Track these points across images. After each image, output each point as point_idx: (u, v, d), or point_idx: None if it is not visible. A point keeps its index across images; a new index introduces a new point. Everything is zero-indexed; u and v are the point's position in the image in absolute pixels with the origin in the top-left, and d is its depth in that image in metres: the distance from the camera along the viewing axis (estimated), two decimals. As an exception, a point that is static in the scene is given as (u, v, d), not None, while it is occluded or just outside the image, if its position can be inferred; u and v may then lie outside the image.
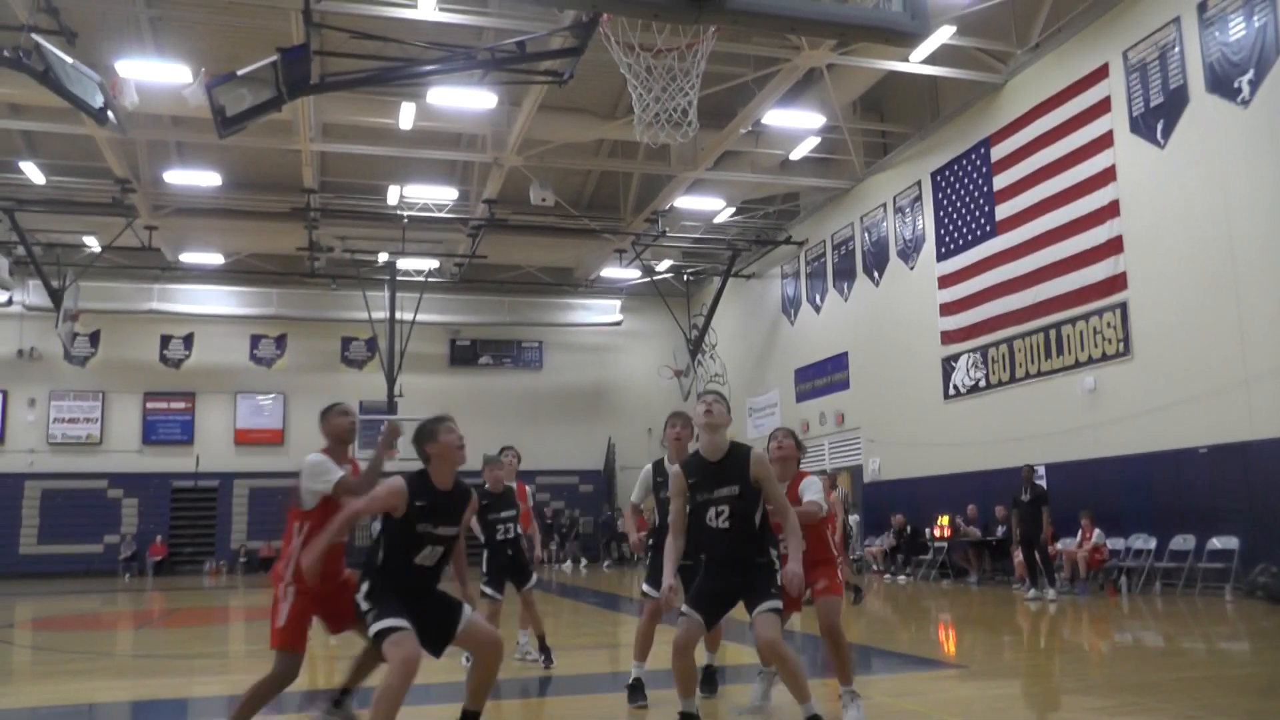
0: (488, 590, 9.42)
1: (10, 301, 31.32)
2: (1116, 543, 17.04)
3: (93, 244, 28.65)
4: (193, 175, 25.48)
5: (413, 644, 5.37)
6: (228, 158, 25.48)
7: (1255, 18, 15.25)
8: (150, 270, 31.00)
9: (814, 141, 24.36)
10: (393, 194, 27.02)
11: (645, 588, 7.74)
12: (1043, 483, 18.14)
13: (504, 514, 9.77)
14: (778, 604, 5.86)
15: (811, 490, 6.92)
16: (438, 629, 5.63)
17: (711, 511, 5.97)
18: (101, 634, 15.75)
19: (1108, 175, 18.04)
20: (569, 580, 25.70)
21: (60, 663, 12.01)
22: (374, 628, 5.42)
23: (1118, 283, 17.76)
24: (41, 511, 31.76)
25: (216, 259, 31.13)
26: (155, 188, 26.32)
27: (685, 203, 27.39)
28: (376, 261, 30.73)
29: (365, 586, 5.64)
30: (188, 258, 30.70)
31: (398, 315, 30.68)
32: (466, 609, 5.73)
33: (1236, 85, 15.60)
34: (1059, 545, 17.35)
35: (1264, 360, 14.98)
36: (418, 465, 5.90)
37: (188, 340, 33.79)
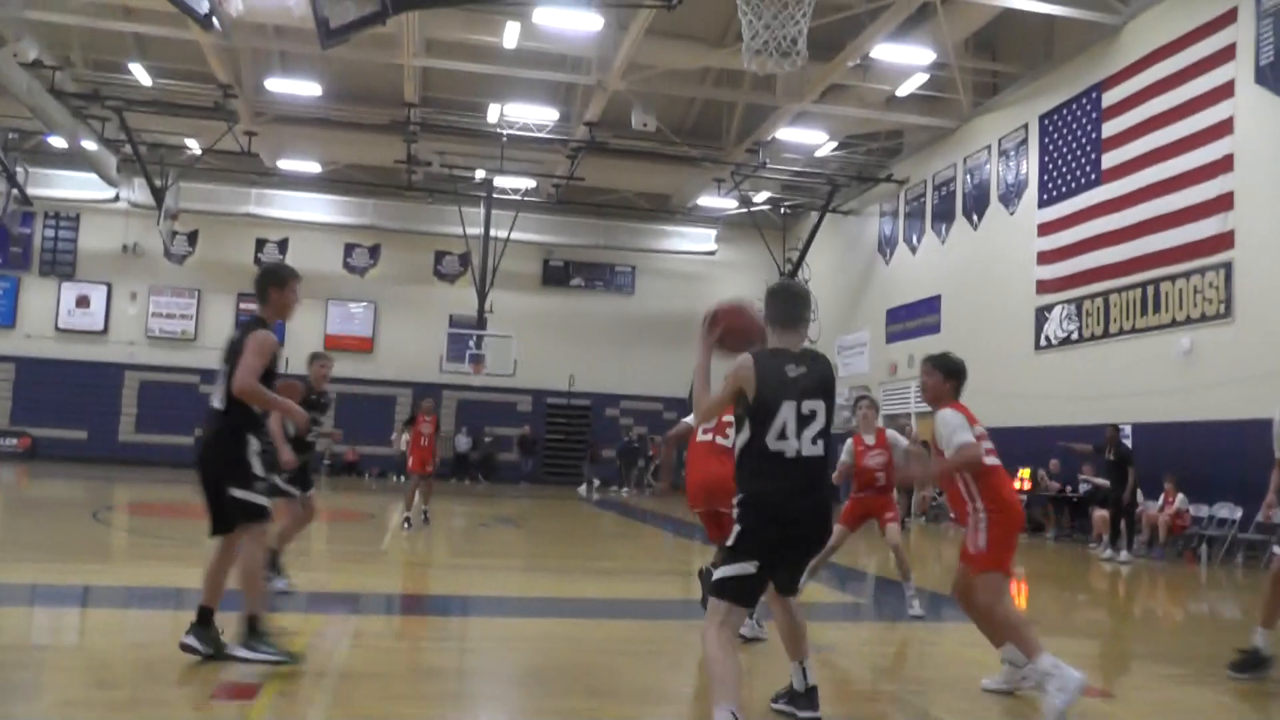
0: (288, 487, 8.94)
1: (117, 198, 32.14)
2: (1200, 510, 16.71)
3: (194, 146, 29.22)
4: (294, 84, 25.61)
5: None
6: (329, 68, 25.60)
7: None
8: (248, 175, 31.53)
9: (922, 78, 23.85)
10: (493, 112, 27.03)
11: None
12: (1128, 442, 17.81)
13: (321, 415, 9.69)
14: None
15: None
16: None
17: None
18: (193, 523, 16.27)
19: (1224, 128, 17.30)
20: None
21: (153, 547, 12.49)
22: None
23: (1224, 241, 17.15)
24: (139, 401, 32.94)
25: (314, 167, 31.55)
26: (257, 95, 26.72)
27: (787, 135, 27.07)
28: (474, 178, 30.88)
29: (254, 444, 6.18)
30: (285, 165, 31.18)
31: (492, 232, 30.90)
32: None
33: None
34: (1141, 507, 17.05)
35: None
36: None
37: (282, 245, 34.33)
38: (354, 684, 5.64)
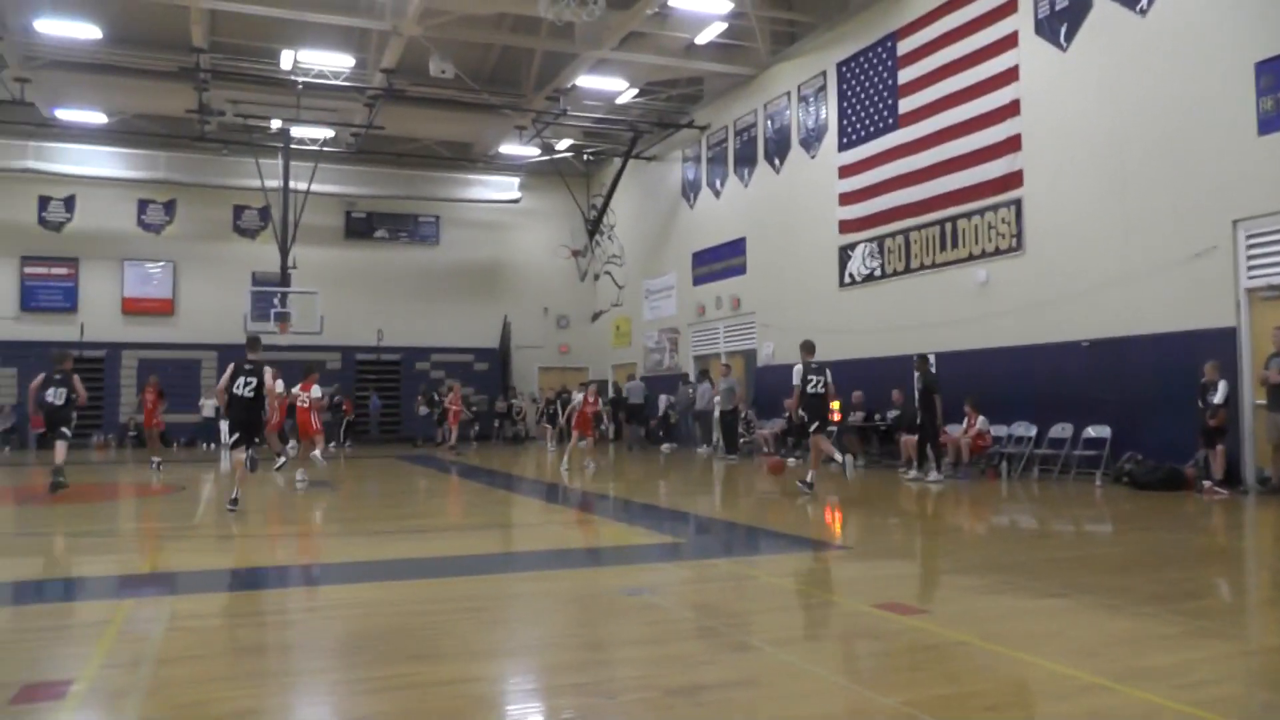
0: None
1: None
2: (999, 430, 17.66)
3: (-47, 94, 26.98)
4: (70, 26, 23.80)
5: None
6: (108, 9, 24.06)
7: (1161, -70, 15.52)
8: (23, 126, 29.19)
9: (720, 26, 24.10)
10: (286, 58, 26.01)
11: None
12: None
13: None
14: None
15: None
16: None
17: None
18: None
19: (1010, 75, 18.30)
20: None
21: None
22: None
23: (1014, 180, 18.15)
24: (-87, 375, 30.65)
25: (98, 118, 29.70)
26: (26, 37, 24.58)
27: (588, 82, 27.00)
28: (270, 128, 29.78)
29: None
30: (66, 115, 29.14)
31: (291, 184, 29.91)
32: None
33: (1138, -5, 15.94)
34: (945, 430, 17.82)
35: (1144, 261, 15.65)
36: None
37: (69, 202, 32.39)
38: (170, 669, 5.40)
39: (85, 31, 23.90)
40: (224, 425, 16.51)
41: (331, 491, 16.65)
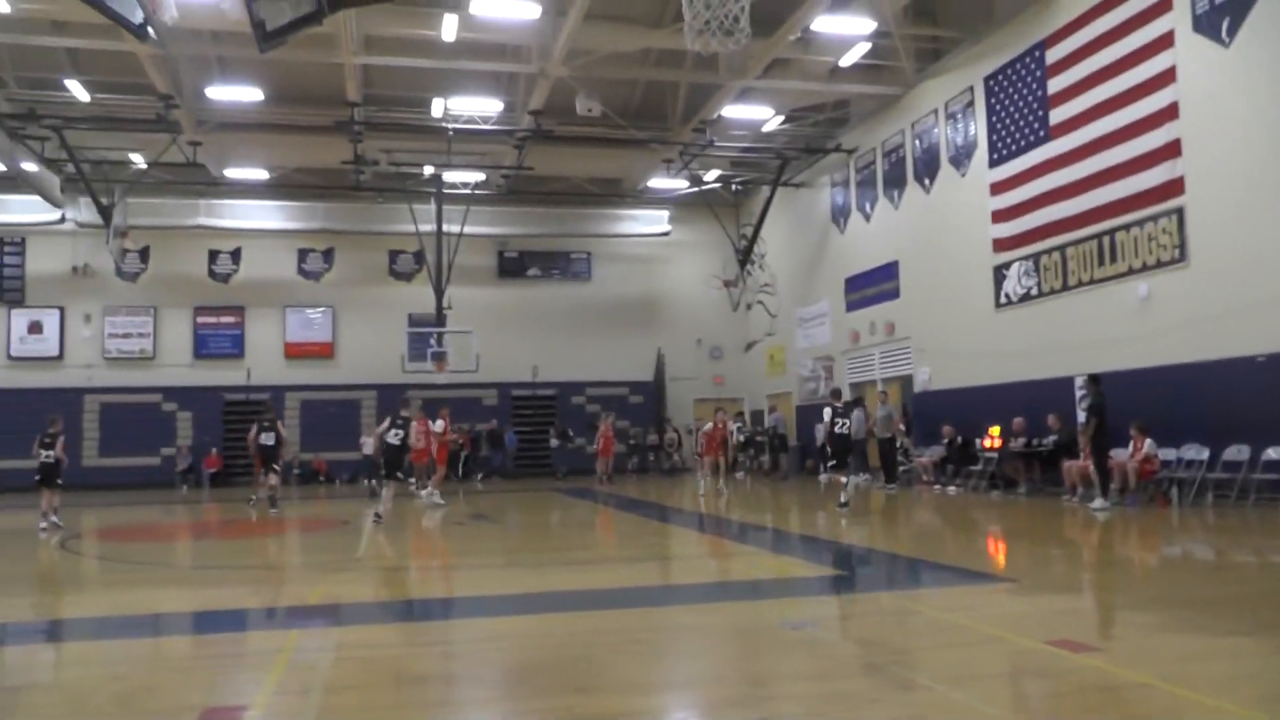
0: None
1: (63, 219, 31.55)
2: (1168, 453, 16.74)
3: (139, 161, 28.76)
4: (235, 90, 25.28)
5: None
6: (270, 72, 25.24)
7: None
8: (196, 186, 31.23)
9: (864, 48, 23.82)
10: (437, 106, 26.79)
11: None
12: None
13: None
14: None
15: None
16: None
17: None
18: (162, 545, 16.11)
19: (1167, 77, 17.50)
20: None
21: (125, 572, 12.31)
22: None
23: (1174, 188, 17.33)
24: (101, 425, 32.32)
25: (262, 174, 31.21)
26: (198, 103, 26.10)
27: (733, 111, 27.03)
28: (422, 174, 30.66)
29: None
30: (233, 173, 30.82)
31: (445, 228, 30.66)
32: None
33: (1309, -20, 15.01)
34: (1111, 455, 17.04)
35: (1326, 267, 14.64)
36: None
37: (235, 255, 33.94)
38: (339, 697, 5.57)
39: (249, 95, 25.25)
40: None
41: (490, 524, 16.90)
